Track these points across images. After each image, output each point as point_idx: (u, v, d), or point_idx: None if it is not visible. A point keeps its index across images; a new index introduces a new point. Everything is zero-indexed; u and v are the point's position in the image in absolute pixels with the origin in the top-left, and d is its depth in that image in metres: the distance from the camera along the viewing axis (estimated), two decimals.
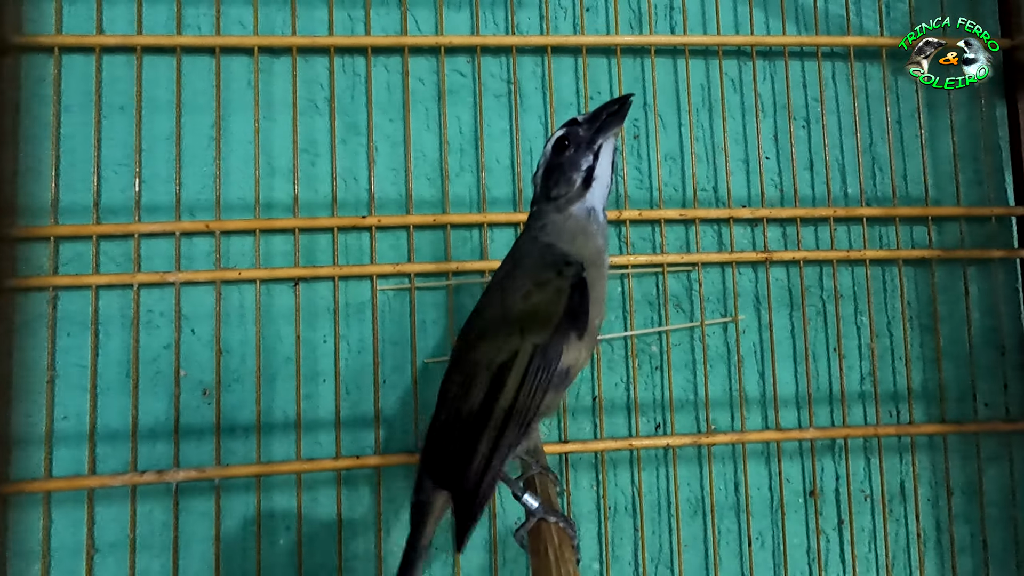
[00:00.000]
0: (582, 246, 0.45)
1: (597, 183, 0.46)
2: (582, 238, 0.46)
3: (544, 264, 0.44)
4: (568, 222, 0.46)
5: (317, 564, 0.64)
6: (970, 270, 0.77)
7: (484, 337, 0.44)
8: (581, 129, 0.47)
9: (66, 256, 0.65)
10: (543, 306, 0.43)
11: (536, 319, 0.43)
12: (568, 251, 0.45)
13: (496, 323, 0.44)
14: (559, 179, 0.46)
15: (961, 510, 0.74)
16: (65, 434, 0.63)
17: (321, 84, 0.70)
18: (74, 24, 0.67)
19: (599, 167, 0.46)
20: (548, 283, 0.43)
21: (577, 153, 0.46)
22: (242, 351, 0.66)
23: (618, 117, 0.46)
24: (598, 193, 0.46)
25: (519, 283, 0.45)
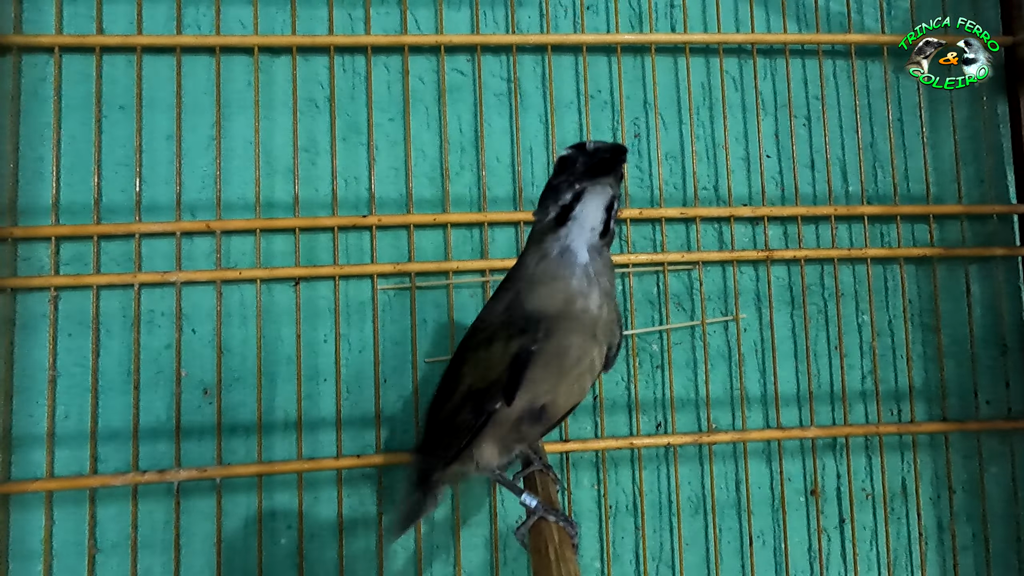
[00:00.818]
0: (548, 298, 0.41)
1: (574, 224, 0.41)
2: (550, 287, 0.42)
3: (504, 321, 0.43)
4: (542, 262, 0.42)
5: (318, 563, 0.64)
6: (971, 268, 0.77)
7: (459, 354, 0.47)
8: (580, 161, 0.41)
9: (67, 256, 0.65)
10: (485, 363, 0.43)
11: (477, 371, 0.44)
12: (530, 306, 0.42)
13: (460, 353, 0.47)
14: (544, 201, 0.43)
15: (963, 508, 0.74)
16: (66, 434, 0.63)
17: (321, 83, 0.70)
18: (74, 24, 0.67)
19: (579, 209, 0.41)
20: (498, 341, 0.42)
21: (562, 184, 0.41)
22: (243, 351, 0.66)
23: (606, 166, 0.40)
24: (575, 233, 0.41)
25: (481, 330, 0.45)
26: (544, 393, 0.42)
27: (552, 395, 0.43)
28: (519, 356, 0.41)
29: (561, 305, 0.41)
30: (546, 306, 0.41)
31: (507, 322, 0.42)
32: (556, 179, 0.42)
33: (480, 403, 0.43)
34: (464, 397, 0.44)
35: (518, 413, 0.43)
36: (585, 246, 0.42)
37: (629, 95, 0.74)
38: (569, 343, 0.41)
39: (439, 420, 0.47)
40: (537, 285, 0.42)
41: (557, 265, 0.42)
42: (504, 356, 0.42)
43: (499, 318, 0.43)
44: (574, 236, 0.41)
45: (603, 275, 0.42)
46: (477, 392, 0.43)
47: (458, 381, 0.46)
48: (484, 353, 0.43)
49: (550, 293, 0.42)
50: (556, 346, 0.41)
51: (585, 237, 0.41)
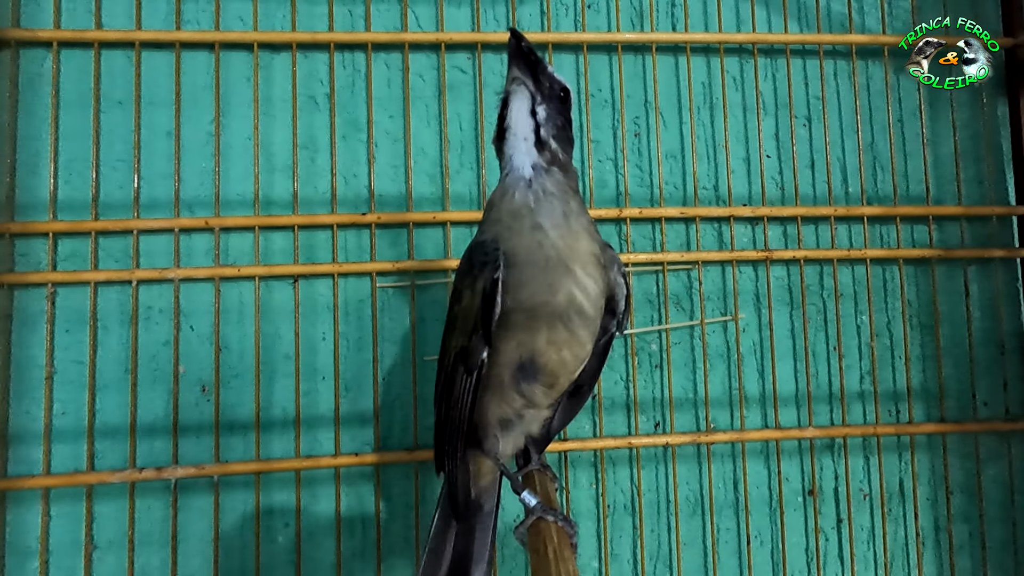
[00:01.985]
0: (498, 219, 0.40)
1: (510, 134, 0.41)
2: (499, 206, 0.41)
3: (467, 266, 0.41)
4: (497, 190, 0.42)
5: (316, 561, 0.64)
6: (970, 269, 0.77)
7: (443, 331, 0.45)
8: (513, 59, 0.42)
9: (64, 252, 0.64)
10: (460, 319, 0.41)
11: (455, 333, 0.42)
12: (487, 242, 0.40)
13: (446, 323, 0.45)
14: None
15: (960, 509, 0.74)
16: (64, 430, 0.63)
17: (321, 80, 0.70)
18: (72, 19, 0.66)
19: (509, 117, 0.41)
20: (463, 292, 0.41)
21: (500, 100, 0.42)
22: (241, 348, 0.66)
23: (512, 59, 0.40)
24: (513, 145, 0.41)
25: (452, 292, 0.43)
26: (528, 336, 0.40)
27: (537, 338, 0.40)
28: (485, 290, 0.39)
29: (510, 221, 0.40)
30: (498, 231, 0.40)
31: (468, 266, 0.41)
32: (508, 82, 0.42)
33: (467, 358, 0.40)
34: (454, 361, 0.42)
35: (510, 371, 0.41)
36: (528, 161, 0.40)
37: (630, 94, 0.74)
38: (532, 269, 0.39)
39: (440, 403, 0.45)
40: (490, 212, 0.41)
41: (505, 185, 0.41)
42: (474, 298, 0.40)
43: (462, 267, 0.42)
44: (512, 148, 0.41)
45: (557, 198, 0.40)
46: (462, 350, 0.41)
47: (447, 352, 0.44)
48: (457, 307, 0.42)
49: (498, 214, 0.40)
50: (519, 273, 0.39)
51: (522, 149, 0.40)
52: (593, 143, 0.73)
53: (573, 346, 0.41)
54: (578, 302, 0.40)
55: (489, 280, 0.39)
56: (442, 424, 0.44)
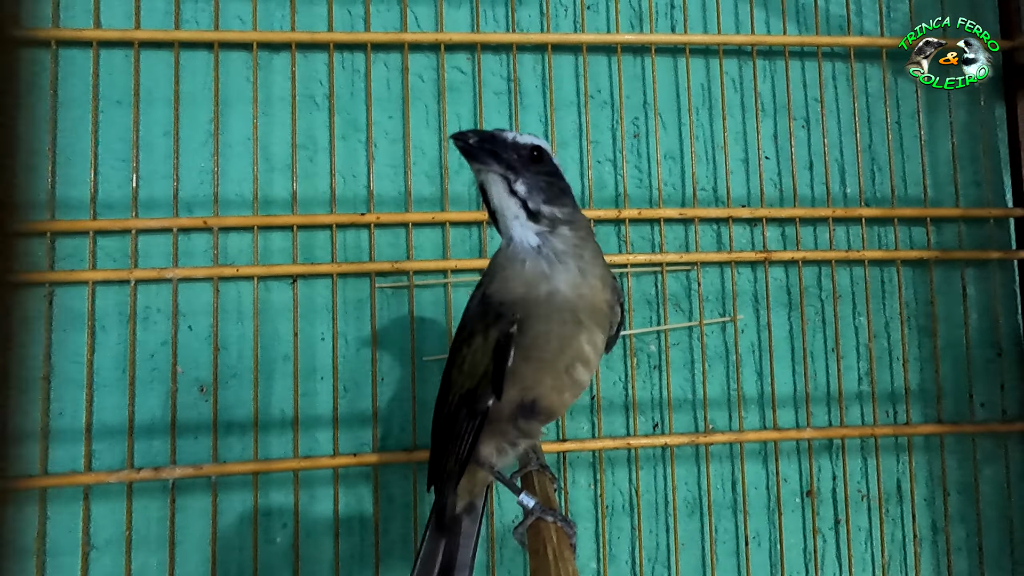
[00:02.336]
0: (510, 286, 0.41)
1: (500, 217, 0.41)
2: (508, 276, 0.42)
3: (481, 312, 0.43)
4: (500, 256, 0.43)
5: (314, 561, 0.64)
6: (968, 271, 0.77)
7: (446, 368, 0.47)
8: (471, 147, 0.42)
9: (63, 252, 0.64)
10: (469, 362, 0.43)
11: (462, 375, 0.44)
12: (498, 297, 0.41)
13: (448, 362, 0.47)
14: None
15: (957, 510, 0.75)
16: (61, 431, 0.62)
17: (320, 80, 0.70)
18: (71, 18, 0.66)
19: (493, 202, 0.41)
20: (474, 337, 0.42)
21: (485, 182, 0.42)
22: (240, 348, 0.66)
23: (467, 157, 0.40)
24: (511, 224, 0.41)
25: (461, 332, 0.45)
26: (533, 384, 0.41)
27: (541, 387, 0.42)
28: (499, 343, 0.40)
29: (523, 291, 0.41)
30: (510, 293, 0.41)
31: (482, 313, 0.42)
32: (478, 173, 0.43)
33: (473, 403, 0.43)
34: (459, 400, 0.44)
35: (511, 408, 0.43)
36: (530, 231, 0.41)
37: (629, 95, 0.74)
38: (546, 329, 0.40)
39: (440, 434, 0.47)
40: (498, 273, 0.42)
41: (512, 252, 0.41)
42: (486, 348, 0.41)
43: (475, 311, 0.44)
44: (510, 225, 0.41)
45: (570, 255, 0.41)
46: (468, 393, 0.43)
47: (450, 386, 0.46)
48: (467, 349, 0.43)
49: (510, 281, 0.41)
50: (533, 333, 0.40)
51: (520, 223, 0.41)
52: (592, 144, 0.73)
53: (575, 388, 0.43)
54: (585, 355, 0.42)
55: (504, 334, 0.40)
56: (439, 454, 0.47)
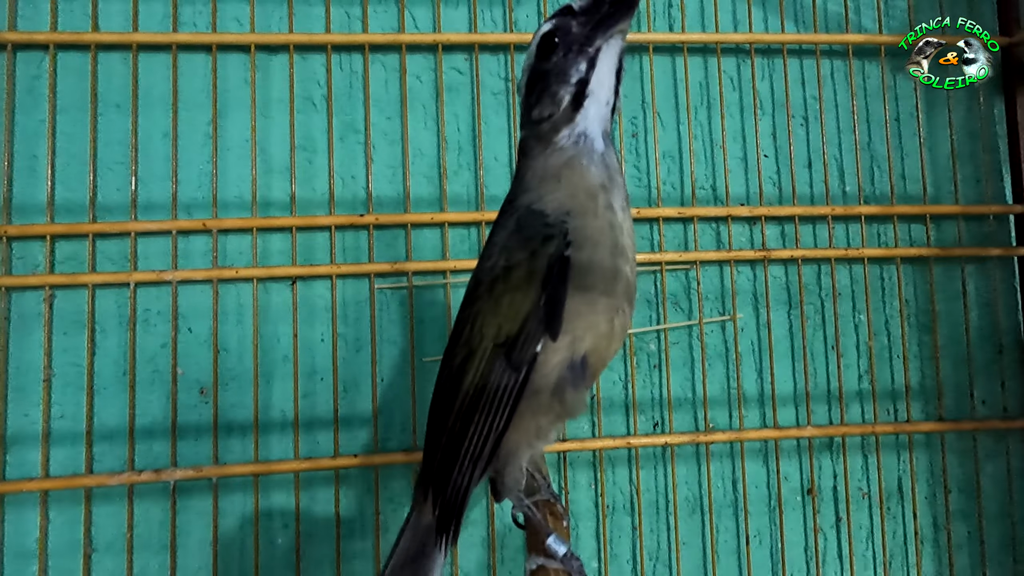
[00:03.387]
0: (568, 192, 0.34)
1: (591, 100, 0.34)
2: (568, 178, 0.34)
3: (518, 240, 0.34)
4: (552, 158, 0.35)
5: (315, 563, 0.64)
6: (968, 268, 0.77)
7: (454, 333, 0.37)
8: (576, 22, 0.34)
9: (62, 255, 0.64)
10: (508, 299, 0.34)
11: (498, 316, 0.34)
12: (547, 209, 0.34)
13: (463, 318, 0.37)
14: (543, 95, 0.35)
15: (958, 508, 0.75)
16: (62, 433, 0.63)
17: (318, 82, 0.70)
18: (69, 21, 0.66)
19: (595, 79, 0.34)
20: (517, 267, 0.34)
21: (567, 59, 0.34)
22: (239, 350, 0.66)
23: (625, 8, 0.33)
24: (592, 114, 0.34)
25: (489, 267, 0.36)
26: (585, 329, 0.34)
27: (593, 333, 0.34)
28: (551, 268, 0.32)
29: (584, 200, 0.34)
30: (569, 200, 0.34)
31: (526, 239, 0.34)
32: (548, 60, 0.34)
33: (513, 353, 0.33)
34: (491, 356, 0.34)
35: (558, 370, 0.34)
36: (600, 130, 0.35)
37: (627, 94, 0.74)
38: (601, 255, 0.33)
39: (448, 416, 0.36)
40: (552, 181, 0.34)
41: (574, 153, 0.34)
42: (532, 277, 0.33)
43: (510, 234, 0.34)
44: (591, 115, 0.34)
45: (618, 172, 0.35)
46: (509, 342, 0.33)
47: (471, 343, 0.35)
48: (503, 288, 0.34)
49: (571, 185, 0.34)
50: (588, 256, 0.33)
51: (601, 115, 0.35)
52: None
53: (619, 337, 0.36)
54: (632, 286, 0.35)
55: (558, 256, 0.32)
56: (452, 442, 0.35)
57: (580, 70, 0.34)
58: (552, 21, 0.35)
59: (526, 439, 0.36)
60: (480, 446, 0.35)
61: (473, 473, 0.35)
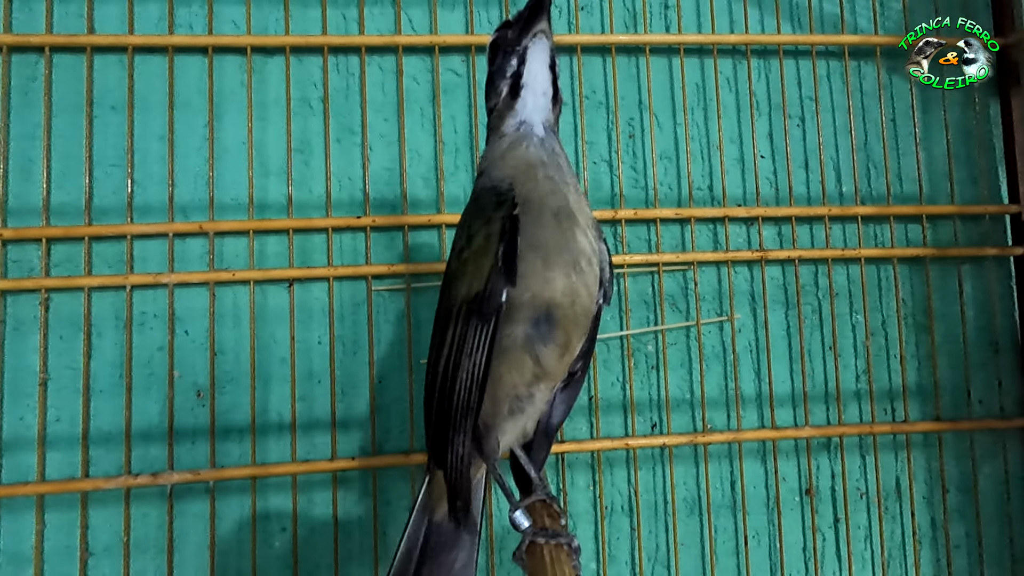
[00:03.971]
0: (511, 166, 0.39)
1: (527, 91, 0.40)
2: (511, 157, 0.40)
3: (475, 212, 0.39)
4: (500, 144, 0.41)
5: (313, 566, 0.64)
6: (964, 268, 0.77)
7: (438, 309, 0.42)
8: (510, 31, 0.41)
9: (58, 257, 0.64)
10: (472, 261, 0.38)
11: (466, 278, 0.38)
12: (499, 184, 0.39)
13: (442, 291, 0.41)
14: (489, 89, 0.42)
15: (956, 507, 0.75)
16: (58, 437, 0.62)
17: (315, 83, 0.70)
18: (65, 23, 0.66)
19: (527, 72, 0.40)
20: (476, 234, 0.38)
21: (504, 58, 0.41)
22: (236, 352, 0.66)
23: (538, 10, 0.40)
24: (530, 103, 0.40)
25: (456, 242, 0.40)
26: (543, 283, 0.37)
27: (552, 287, 0.37)
28: (504, 226, 0.37)
29: (525, 170, 0.39)
30: (511, 174, 0.39)
31: (479, 207, 0.39)
32: (494, 63, 0.42)
33: (482, 304, 0.37)
34: (465, 315, 0.37)
35: (524, 326, 0.37)
36: (540, 119, 0.41)
37: (623, 95, 0.74)
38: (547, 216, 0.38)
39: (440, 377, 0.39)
40: (498, 161, 0.40)
41: (516, 137, 0.40)
42: (489, 239, 0.37)
43: (470, 209, 0.40)
44: (529, 105, 0.40)
45: (563, 159, 0.41)
46: (476, 298, 0.37)
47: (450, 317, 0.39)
48: (468, 254, 0.38)
49: (513, 161, 0.40)
50: (537, 212, 0.38)
51: (539, 105, 0.40)
52: (587, 145, 0.73)
53: (584, 296, 0.39)
54: (587, 251, 0.39)
55: (507, 216, 0.37)
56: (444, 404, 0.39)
57: (512, 65, 0.40)
58: (495, 33, 0.42)
59: (506, 400, 0.39)
60: (467, 397, 0.37)
61: (466, 427, 0.38)
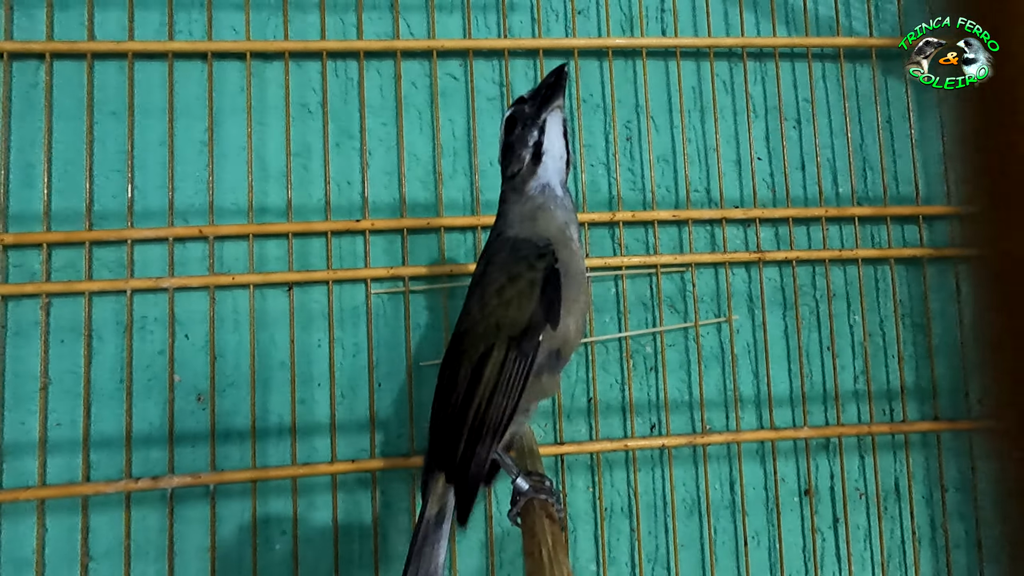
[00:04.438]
0: (544, 227, 0.46)
1: (547, 157, 0.47)
2: (543, 218, 0.46)
3: (516, 258, 0.45)
4: (527, 204, 0.47)
5: (313, 569, 0.64)
6: (961, 268, 0.77)
7: (467, 333, 0.46)
8: (527, 106, 0.48)
9: (59, 262, 0.64)
10: (516, 300, 0.44)
11: (509, 314, 0.44)
12: (533, 238, 0.45)
13: (476, 320, 0.46)
14: (512, 157, 0.48)
15: (955, 507, 0.75)
16: (59, 441, 0.62)
17: (314, 88, 0.70)
18: (65, 30, 0.66)
19: (547, 141, 0.47)
20: (520, 277, 0.44)
21: (525, 130, 0.47)
22: (236, 356, 0.66)
23: (555, 89, 0.47)
24: (551, 167, 0.47)
25: (494, 278, 0.46)
26: (566, 324, 0.44)
27: (568, 330, 0.44)
28: (548, 276, 0.43)
29: (556, 232, 0.46)
30: (547, 232, 0.45)
31: (522, 257, 0.45)
32: (512, 134, 0.47)
33: (524, 342, 0.43)
34: (506, 346, 0.43)
35: (545, 351, 0.44)
36: (558, 180, 0.47)
37: (621, 99, 0.75)
38: (571, 270, 0.45)
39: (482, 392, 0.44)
40: (529, 220, 0.46)
41: (542, 200, 0.46)
42: (533, 285, 0.44)
43: (508, 254, 0.45)
44: (549, 169, 0.47)
45: (572, 211, 0.47)
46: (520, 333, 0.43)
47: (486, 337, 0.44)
48: (511, 293, 0.44)
49: (546, 222, 0.46)
50: (565, 271, 0.44)
51: (558, 168, 0.47)
52: (585, 147, 0.73)
53: (580, 339, 0.46)
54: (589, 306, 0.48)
55: (550, 268, 0.44)
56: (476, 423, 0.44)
57: (534, 136, 0.47)
58: (512, 108, 0.48)
59: (519, 415, 0.45)
60: (500, 420, 0.43)
61: (492, 444, 0.44)
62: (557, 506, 0.45)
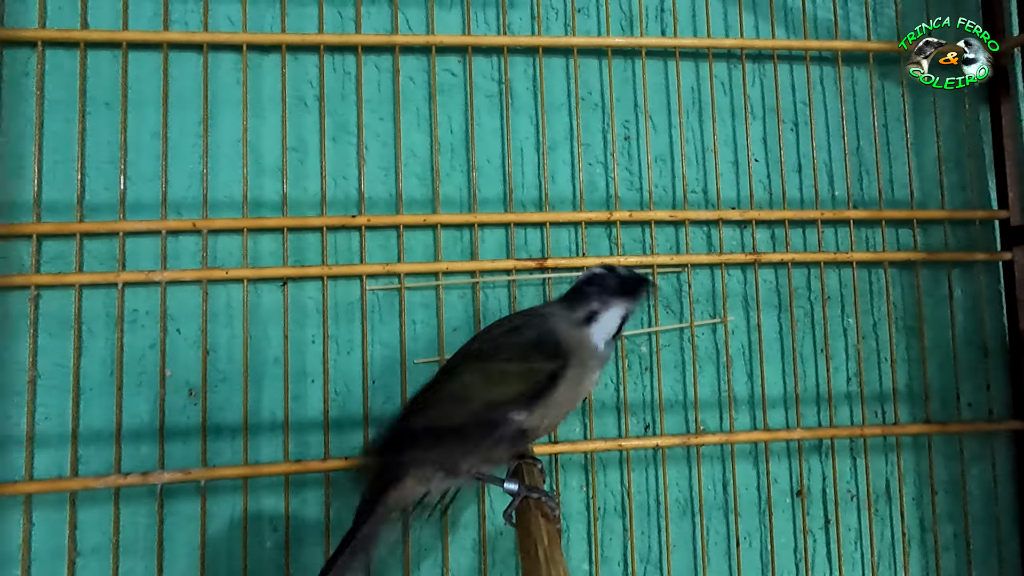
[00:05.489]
0: (575, 350, 0.50)
1: (598, 326, 0.51)
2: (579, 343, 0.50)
3: (538, 344, 0.49)
4: (572, 329, 0.52)
5: (304, 566, 0.64)
6: (954, 272, 0.78)
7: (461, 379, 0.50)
8: (611, 279, 0.52)
9: (49, 254, 0.63)
10: (513, 375, 0.48)
11: (501, 383, 0.48)
12: (562, 345, 0.50)
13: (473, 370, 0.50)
14: (574, 300, 0.52)
15: (945, 509, 0.75)
16: (47, 435, 0.62)
17: (311, 82, 0.70)
18: (58, 18, 0.65)
19: (603, 318, 0.51)
20: (529, 360, 0.49)
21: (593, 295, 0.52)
22: (229, 351, 0.65)
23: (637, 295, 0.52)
24: (597, 333, 0.51)
25: (511, 343, 0.50)
26: (553, 415, 0.49)
27: (553, 419, 0.49)
28: (552, 375, 0.48)
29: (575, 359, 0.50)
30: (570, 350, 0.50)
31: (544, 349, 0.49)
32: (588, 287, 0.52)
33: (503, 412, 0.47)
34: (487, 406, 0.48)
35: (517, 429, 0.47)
36: (603, 340, 0.51)
37: (619, 98, 0.75)
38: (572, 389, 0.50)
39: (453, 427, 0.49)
40: (567, 338, 0.51)
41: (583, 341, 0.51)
42: (537, 374, 0.48)
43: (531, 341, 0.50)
44: (595, 334, 0.51)
45: (605, 359, 0.52)
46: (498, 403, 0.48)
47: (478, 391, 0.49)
48: (520, 366, 0.49)
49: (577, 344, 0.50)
50: (572, 381, 0.49)
51: (604, 334, 0.51)
52: (583, 147, 0.73)
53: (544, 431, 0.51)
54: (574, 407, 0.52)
55: (557, 371, 0.48)
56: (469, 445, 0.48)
57: (595, 307, 0.51)
58: (602, 268, 0.54)
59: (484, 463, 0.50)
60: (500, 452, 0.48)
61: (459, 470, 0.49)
62: (551, 504, 0.48)
